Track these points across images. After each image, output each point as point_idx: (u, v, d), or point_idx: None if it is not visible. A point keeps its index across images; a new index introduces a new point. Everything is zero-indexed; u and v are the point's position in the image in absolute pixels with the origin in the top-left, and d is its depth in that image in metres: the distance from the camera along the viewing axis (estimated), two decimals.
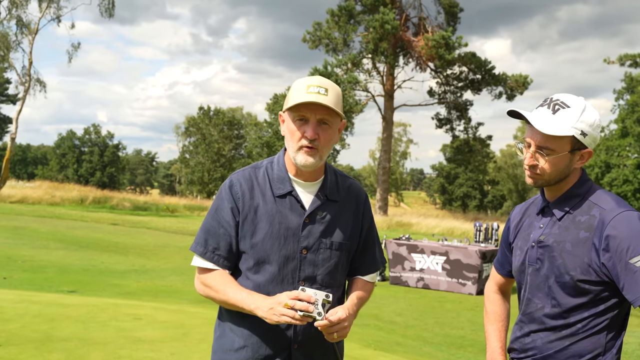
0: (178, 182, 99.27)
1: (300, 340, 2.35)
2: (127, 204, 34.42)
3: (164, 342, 6.52)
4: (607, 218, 2.17)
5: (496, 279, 2.71)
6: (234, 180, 2.41)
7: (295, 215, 2.35)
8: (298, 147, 2.31)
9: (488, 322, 2.68)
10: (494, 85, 38.07)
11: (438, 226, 29.37)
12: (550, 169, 2.27)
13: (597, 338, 2.23)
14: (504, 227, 2.65)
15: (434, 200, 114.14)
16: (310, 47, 36.57)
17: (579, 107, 2.24)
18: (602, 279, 2.18)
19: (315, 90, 2.26)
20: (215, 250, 2.37)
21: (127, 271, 12.48)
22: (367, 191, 24.04)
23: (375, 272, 2.58)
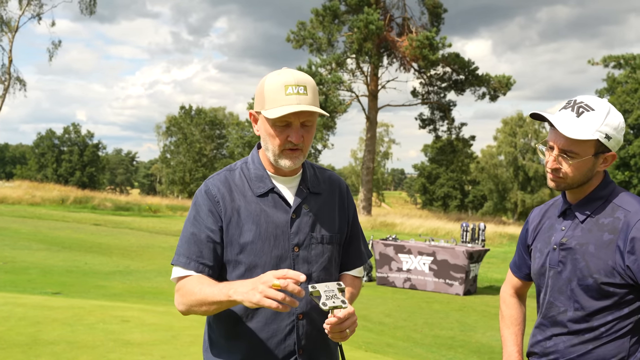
0: (159, 182, 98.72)
1: (305, 345, 2.21)
2: (109, 204, 34.10)
3: (154, 345, 6.43)
4: (632, 220, 2.14)
5: (513, 282, 2.65)
6: (209, 184, 2.26)
7: (280, 213, 2.23)
8: (280, 150, 2.19)
9: (504, 325, 2.63)
10: (477, 86, 38.28)
11: (422, 226, 29.43)
12: (573, 173, 2.23)
13: (621, 342, 2.19)
14: (522, 229, 2.59)
15: (415, 200, 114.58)
16: (294, 47, 36.51)
17: (604, 110, 2.19)
18: (627, 281, 2.14)
19: (294, 91, 2.12)
20: (199, 259, 2.18)
21: (112, 272, 12.34)
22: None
23: (362, 266, 2.48)
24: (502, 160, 79.11)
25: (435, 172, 78.11)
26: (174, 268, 2.23)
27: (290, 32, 36.75)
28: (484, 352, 7.86)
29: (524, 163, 77.51)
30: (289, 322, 2.19)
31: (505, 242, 28.14)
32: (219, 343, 2.26)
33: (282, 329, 2.19)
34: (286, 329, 2.19)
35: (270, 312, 2.18)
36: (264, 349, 2.19)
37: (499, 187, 77.53)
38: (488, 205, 79.11)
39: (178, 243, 2.27)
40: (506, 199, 77.48)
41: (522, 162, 77.61)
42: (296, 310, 2.19)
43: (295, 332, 2.19)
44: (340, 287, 2.06)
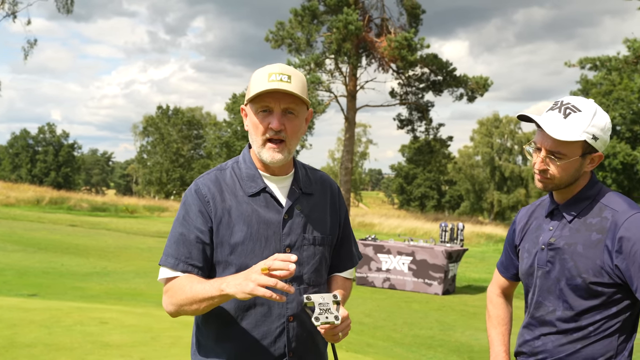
0: (135, 183, 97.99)
1: (295, 348, 2.18)
2: (85, 205, 33.76)
3: (133, 347, 6.37)
4: (620, 220, 2.16)
5: (500, 282, 2.66)
6: (199, 184, 2.22)
7: (272, 213, 2.19)
8: (263, 141, 2.16)
9: (491, 325, 2.64)
10: (455, 86, 38.46)
11: (400, 226, 29.56)
12: (561, 174, 2.24)
13: (609, 341, 2.20)
14: (509, 230, 2.60)
15: (392, 201, 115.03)
16: (272, 47, 36.40)
17: (591, 111, 2.21)
18: (615, 281, 2.16)
19: (277, 78, 2.10)
20: (188, 260, 2.13)
21: (89, 274, 12.21)
22: None
23: (353, 268, 2.46)
24: (478, 160, 79.74)
25: (413, 173, 78.50)
26: (162, 269, 2.19)
27: (269, 32, 36.66)
28: (464, 351, 7.90)
29: (500, 163, 78.19)
30: (279, 324, 2.16)
31: (482, 241, 28.37)
32: (208, 345, 2.22)
33: (273, 331, 2.15)
34: (276, 331, 2.16)
35: (260, 314, 2.15)
36: (253, 351, 2.15)
37: (476, 187, 78.12)
38: (465, 205, 79.66)
39: (166, 243, 2.22)
40: (483, 199, 78.10)
41: (499, 163, 78.28)
42: (287, 312, 2.16)
43: (285, 334, 2.16)
44: (336, 299, 2.05)
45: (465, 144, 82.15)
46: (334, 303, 2.04)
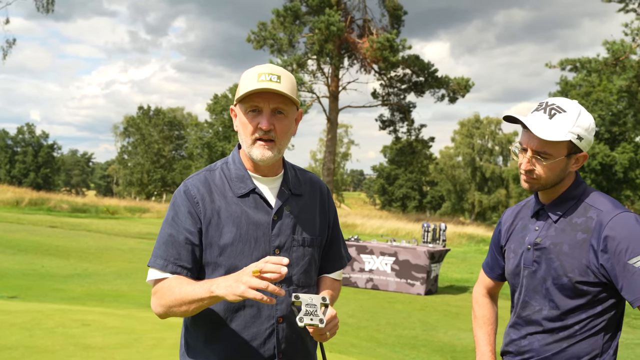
0: (115, 184, 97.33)
1: (284, 349, 2.18)
2: (65, 206, 33.45)
3: (116, 349, 6.34)
4: (605, 219, 2.19)
5: (485, 283, 2.68)
6: (188, 184, 2.22)
7: (262, 214, 2.19)
8: (252, 140, 2.16)
9: (477, 325, 2.65)
10: (436, 87, 38.70)
11: (382, 227, 29.63)
12: (547, 174, 2.27)
13: (595, 339, 2.23)
14: (495, 230, 2.62)
15: (374, 201, 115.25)
16: (254, 47, 36.36)
17: (575, 112, 2.24)
18: (600, 280, 2.19)
19: (267, 78, 2.10)
20: (177, 261, 2.13)
21: (70, 275, 12.10)
22: None
23: (342, 269, 2.47)
24: (459, 161, 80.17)
25: (394, 173, 78.72)
26: (151, 270, 2.18)
27: (251, 33, 36.62)
28: (447, 351, 7.93)
29: (481, 164, 78.69)
30: (268, 326, 2.16)
31: (464, 242, 28.52)
32: (197, 347, 2.21)
33: (262, 332, 2.15)
34: (266, 333, 2.15)
35: (250, 315, 2.15)
36: (243, 352, 2.15)
37: (457, 187, 78.53)
38: (446, 206, 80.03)
39: (155, 244, 2.21)
40: (464, 199, 78.54)
41: (480, 163, 78.78)
42: (276, 313, 2.16)
43: (275, 335, 2.16)
44: (324, 302, 2.04)
45: (447, 145, 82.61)
46: (322, 305, 2.03)
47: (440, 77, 38.34)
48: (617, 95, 18.43)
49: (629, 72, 16.36)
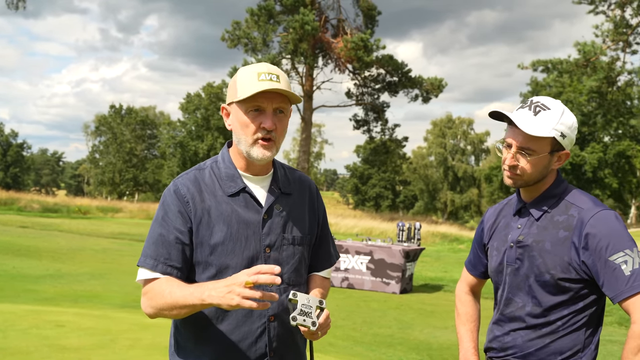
0: (87, 183, 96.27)
1: (276, 347, 2.18)
2: (36, 206, 32.97)
3: (92, 350, 6.29)
4: (586, 217, 2.23)
5: (468, 280, 2.72)
6: (178, 184, 2.20)
7: (252, 213, 2.19)
8: (253, 140, 2.15)
9: (460, 323, 2.69)
10: (410, 87, 38.94)
11: (356, 226, 29.72)
12: (530, 170, 2.30)
13: (577, 335, 2.27)
14: (477, 229, 2.66)
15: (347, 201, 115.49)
16: (229, 46, 36.23)
17: (559, 110, 2.28)
18: (582, 276, 2.23)
19: (267, 78, 2.12)
20: (167, 261, 2.12)
21: (42, 276, 11.93)
22: None
23: (331, 267, 2.48)
24: (432, 161, 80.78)
25: (368, 173, 79.02)
26: (140, 270, 2.16)
27: (225, 32, 36.48)
28: (422, 349, 7.99)
29: (454, 164, 79.39)
30: (260, 325, 2.16)
31: (437, 241, 28.73)
32: (187, 347, 2.21)
33: (254, 331, 2.16)
34: (257, 331, 2.16)
35: (241, 314, 2.15)
36: (235, 351, 2.15)
37: (430, 187, 79.13)
38: (419, 205, 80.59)
39: (145, 244, 2.19)
40: (436, 198, 79.16)
41: (452, 163, 79.47)
42: (267, 312, 2.17)
43: (266, 334, 2.17)
44: (321, 306, 2.06)
45: (419, 145, 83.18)
46: (317, 308, 2.04)
47: (413, 77, 38.58)
48: (587, 96, 18.72)
49: (599, 73, 16.65)
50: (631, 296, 2.11)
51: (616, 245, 2.15)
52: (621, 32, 16.89)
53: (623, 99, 18.29)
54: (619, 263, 2.14)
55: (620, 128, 26.25)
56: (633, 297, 2.11)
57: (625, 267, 2.13)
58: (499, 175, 51.60)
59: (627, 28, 16.97)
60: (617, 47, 17.25)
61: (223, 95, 59.91)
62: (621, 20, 16.99)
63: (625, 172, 50.29)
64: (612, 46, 17.20)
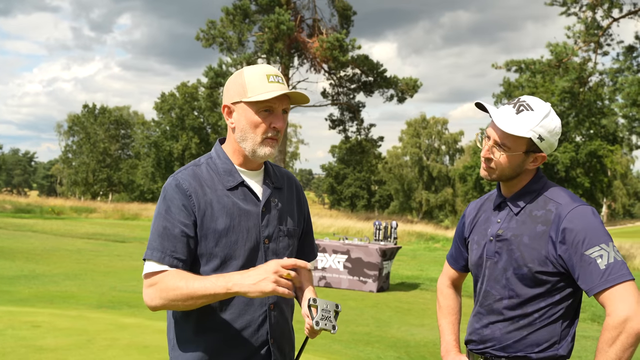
0: (59, 184, 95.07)
1: (275, 335, 2.27)
2: (8, 206, 32.52)
3: (69, 350, 6.26)
4: (563, 212, 2.28)
5: (449, 274, 2.78)
6: (179, 178, 2.26)
7: (251, 206, 2.28)
8: (262, 138, 2.25)
9: (442, 315, 2.74)
10: (385, 87, 39.10)
11: (333, 225, 29.73)
12: (503, 165, 2.37)
13: (553, 327, 2.33)
14: (459, 223, 2.71)
15: (323, 201, 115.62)
16: (204, 46, 36.06)
17: (542, 112, 2.32)
18: (559, 270, 2.28)
19: (275, 80, 2.24)
20: (174, 254, 2.18)
21: (16, 277, 11.80)
22: None
23: (314, 260, 2.58)
24: (407, 160, 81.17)
25: (343, 173, 79.19)
26: (147, 263, 2.20)
27: (200, 31, 36.31)
28: (400, 347, 8.06)
29: (428, 163, 79.85)
30: (261, 313, 2.24)
31: (413, 239, 28.90)
32: (190, 339, 2.25)
33: (256, 319, 2.23)
34: (259, 319, 2.24)
35: (243, 303, 2.21)
36: (238, 339, 2.22)
37: (405, 186, 79.50)
38: (394, 205, 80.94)
39: (150, 237, 2.24)
40: (411, 198, 79.57)
41: (427, 163, 79.93)
42: (268, 300, 2.25)
43: (267, 322, 2.25)
44: (337, 309, 2.19)
45: (394, 145, 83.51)
46: (334, 312, 2.17)
47: (389, 78, 38.75)
48: (560, 96, 19.00)
49: (571, 73, 16.93)
50: (606, 289, 2.16)
51: (592, 239, 2.21)
52: (592, 33, 17.18)
53: (594, 99, 18.62)
54: (595, 257, 2.19)
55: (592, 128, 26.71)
56: (607, 290, 2.16)
57: (600, 261, 2.18)
58: (473, 175, 52.05)
59: (598, 29, 17.28)
60: (588, 48, 17.57)
61: (197, 94, 59.51)
62: (592, 22, 17.29)
63: (597, 171, 50.98)
64: (583, 47, 17.50)
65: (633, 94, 15.23)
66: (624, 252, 21.01)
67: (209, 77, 34.98)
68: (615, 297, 2.14)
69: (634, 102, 15.56)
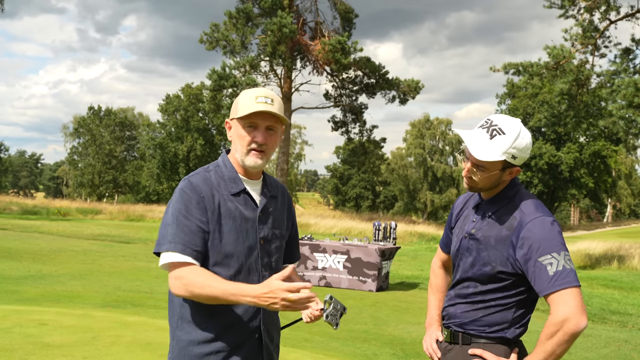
0: (65, 185, 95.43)
1: (267, 322, 2.62)
2: (15, 208, 32.79)
3: (75, 347, 6.45)
4: (524, 221, 2.58)
5: (441, 256, 3.13)
6: (193, 181, 2.59)
7: (250, 210, 2.61)
8: (247, 150, 2.59)
9: (431, 292, 3.12)
10: (387, 89, 39.22)
11: (336, 226, 29.89)
12: (483, 182, 2.69)
13: (505, 313, 2.67)
14: (450, 212, 3.05)
15: (328, 201, 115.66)
16: (207, 49, 36.26)
17: (514, 134, 2.58)
18: (516, 271, 2.60)
19: (263, 100, 2.56)
20: (193, 246, 2.49)
21: (23, 277, 12.04)
22: None
23: (297, 261, 2.96)
24: (411, 161, 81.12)
25: (348, 174, 79.27)
26: (167, 254, 2.48)
27: (204, 34, 36.52)
28: (396, 344, 8.24)
29: (433, 164, 79.76)
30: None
31: (415, 240, 29.03)
32: (195, 320, 2.56)
33: (251, 310, 2.57)
34: (253, 310, 2.58)
35: None
36: (237, 324, 2.55)
37: (409, 187, 79.45)
38: (399, 206, 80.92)
39: (169, 231, 2.51)
40: (416, 199, 79.51)
41: (431, 163, 79.84)
42: None
43: (260, 311, 2.59)
44: (344, 312, 2.65)
45: (399, 146, 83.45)
46: (341, 315, 2.64)
47: (390, 79, 38.86)
48: (560, 97, 19.13)
49: (568, 75, 17.10)
50: (551, 293, 2.46)
51: (546, 248, 2.49)
52: (589, 35, 17.34)
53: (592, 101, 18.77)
54: (546, 264, 2.48)
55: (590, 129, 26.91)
56: (553, 294, 2.46)
57: (550, 268, 2.47)
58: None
59: (595, 32, 17.44)
60: (586, 50, 17.73)
61: (202, 96, 59.73)
62: (589, 24, 17.45)
63: (601, 171, 50.96)
64: (581, 49, 17.66)
65: (629, 96, 15.42)
66: (624, 252, 21.15)
67: (213, 79, 35.15)
68: (559, 300, 2.44)
69: (630, 104, 15.74)
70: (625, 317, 11.41)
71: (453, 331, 2.77)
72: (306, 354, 7.07)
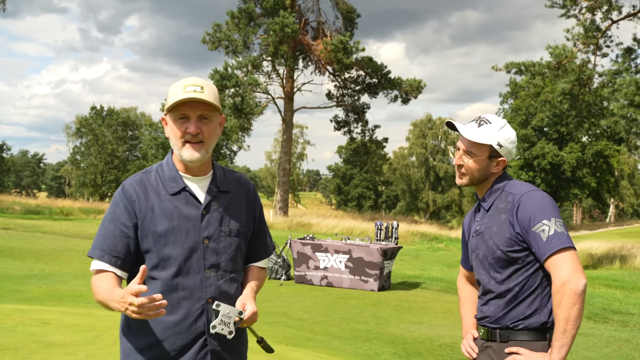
0: (68, 185, 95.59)
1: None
2: (18, 208, 32.82)
3: (77, 346, 6.48)
4: (516, 199, 2.75)
5: (464, 273, 3.27)
6: (126, 185, 2.56)
7: (192, 209, 2.52)
8: (181, 143, 2.50)
9: (462, 305, 3.24)
10: (389, 89, 39.26)
11: (338, 226, 29.91)
12: (472, 169, 2.86)
13: (534, 297, 2.74)
14: (462, 230, 3.19)
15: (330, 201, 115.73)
16: (209, 49, 36.33)
17: (499, 125, 2.85)
18: (522, 246, 2.71)
19: (191, 89, 2.45)
20: (112, 252, 2.46)
21: (26, 276, 12.08)
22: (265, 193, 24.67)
23: (267, 258, 2.83)
24: (413, 161, 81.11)
25: (350, 173, 79.28)
26: (93, 261, 2.51)
27: (206, 34, 36.58)
28: (398, 343, 8.27)
29: (435, 164, 79.75)
30: (199, 306, 2.50)
31: (417, 240, 29.05)
32: (135, 327, 2.52)
33: (194, 312, 2.49)
34: (197, 312, 2.49)
35: (182, 297, 2.49)
36: (177, 329, 2.48)
37: (411, 187, 79.44)
38: (401, 205, 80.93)
39: (95, 237, 2.54)
40: (418, 198, 79.50)
41: (433, 163, 79.83)
42: (206, 295, 2.51)
43: (205, 314, 2.50)
44: (241, 315, 2.45)
45: (401, 145, 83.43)
46: (237, 318, 2.44)
47: (393, 79, 38.89)
48: (562, 96, 19.14)
49: (570, 75, 17.13)
50: (549, 257, 2.58)
51: (537, 217, 2.64)
52: (591, 35, 17.35)
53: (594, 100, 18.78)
54: (539, 232, 2.62)
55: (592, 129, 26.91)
56: (550, 257, 2.58)
57: (543, 234, 2.61)
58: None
59: (597, 32, 17.45)
60: (587, 50, 17.75)
61: None
62: (591, 24, 17.46)
63: (604, 171, 50.92)
64: (583, 49, 17.67)
65: (630, 95, 15.44)
66: (626, 252, 21.13)
67: (215, 79, 35.18)
68: (555, 264, 2.56)
69: (631, 103, 15.76)
70: (627, 317, 11.42)
71: (490, 329, 2.85)
72: (308, 353, 7.10)
